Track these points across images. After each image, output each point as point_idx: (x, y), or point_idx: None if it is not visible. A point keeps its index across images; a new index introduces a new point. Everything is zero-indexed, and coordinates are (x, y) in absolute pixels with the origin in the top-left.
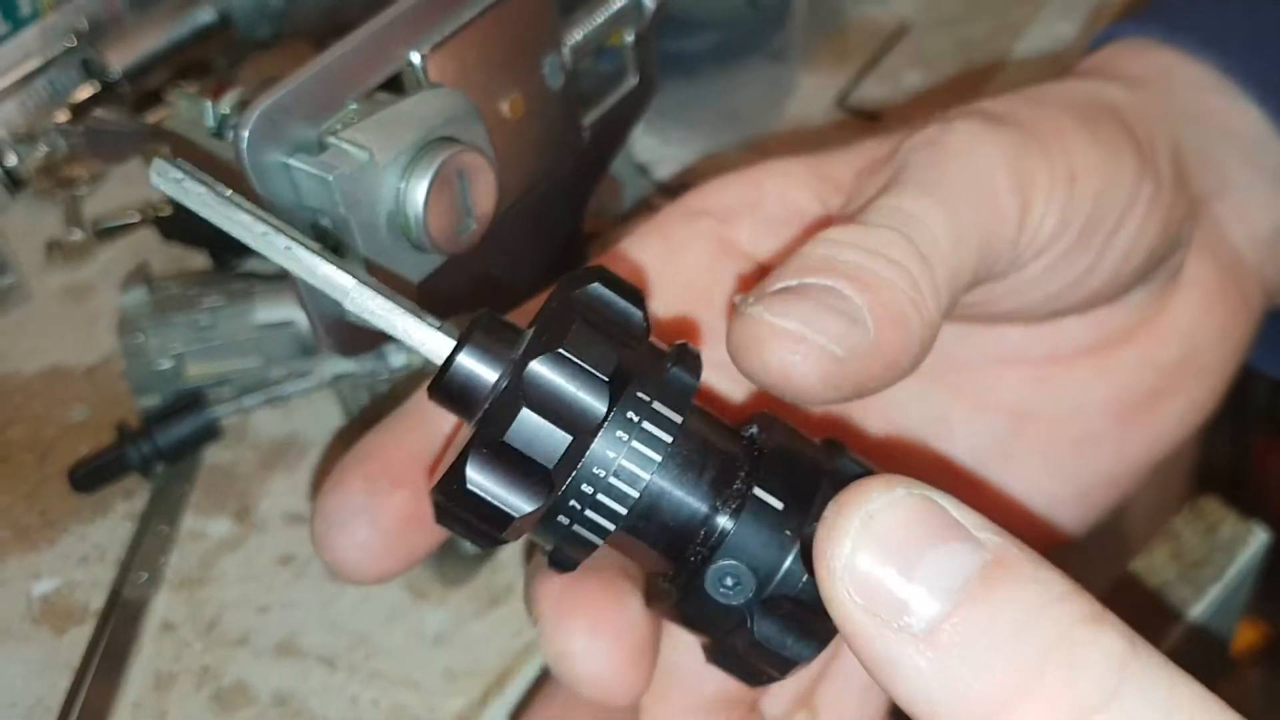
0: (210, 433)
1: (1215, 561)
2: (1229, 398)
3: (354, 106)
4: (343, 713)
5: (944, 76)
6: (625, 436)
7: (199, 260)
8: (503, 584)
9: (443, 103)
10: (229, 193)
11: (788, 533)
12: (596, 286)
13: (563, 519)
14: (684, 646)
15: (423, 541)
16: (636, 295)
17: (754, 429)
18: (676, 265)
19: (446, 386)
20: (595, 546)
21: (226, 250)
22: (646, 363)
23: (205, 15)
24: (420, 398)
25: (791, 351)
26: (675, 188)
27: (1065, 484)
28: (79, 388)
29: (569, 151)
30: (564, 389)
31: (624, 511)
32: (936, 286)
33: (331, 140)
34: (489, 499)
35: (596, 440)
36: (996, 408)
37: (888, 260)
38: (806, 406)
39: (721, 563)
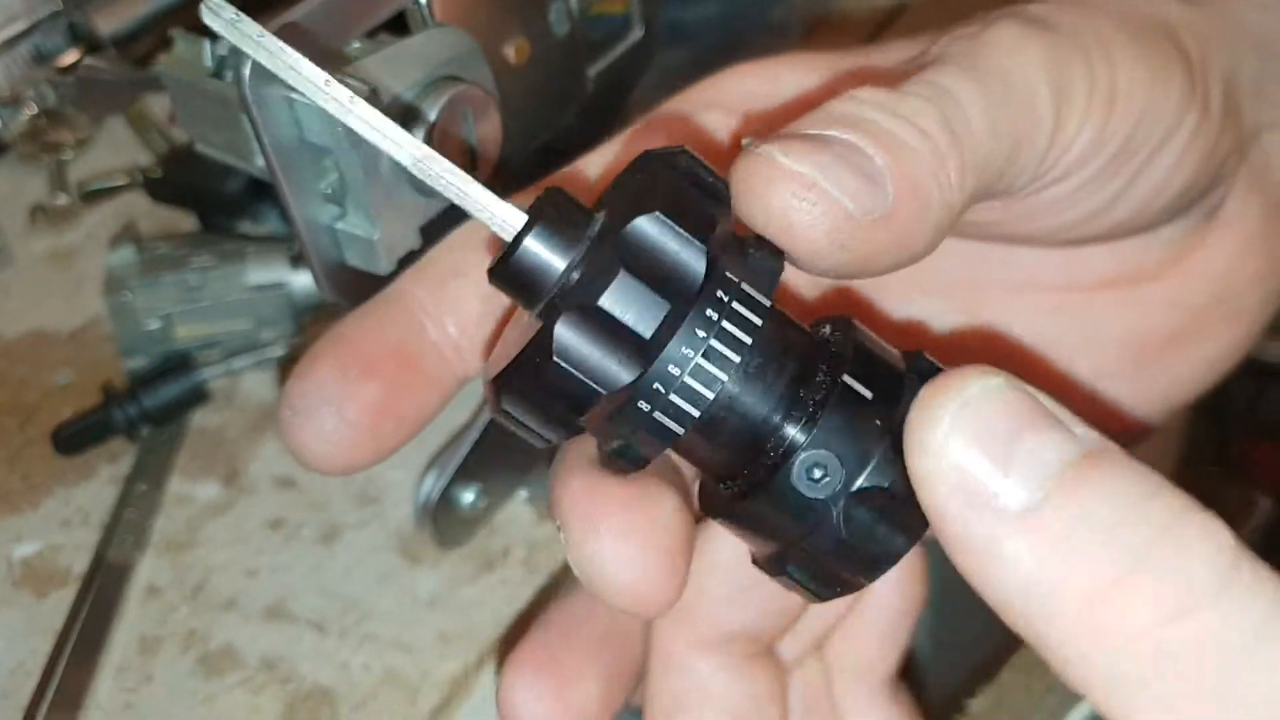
0: (198, 395)
1: None
2: (1209, 398)
3: (358, 45)
4: (334, 676)
5: None
6: (715, 316)
7: (187, 224)
8: (498, 548)
9: (448, 41)
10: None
11: (878, 422)
12: (683, 159)
13: (644, 405)
14: (711, 573)
15: (393, 436)
16: (720, 179)
17: (827, 329)
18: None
19: (512, 268)
20: (677, 436)
21: (216, 212)
22: (730, 244)
23: None
24: (401, 286)
25: (800, 197)
26: None
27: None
28: (63, 352)
29: (573, 101)
30: (663, 252)
31: (710, 395)
32: (963, 167)
33: (336, 76)
34: (577, 372)
35: (686, 319)
36: (1010, 334)
37: (916, 128)
38: (809, 268)
39: (811, 452)
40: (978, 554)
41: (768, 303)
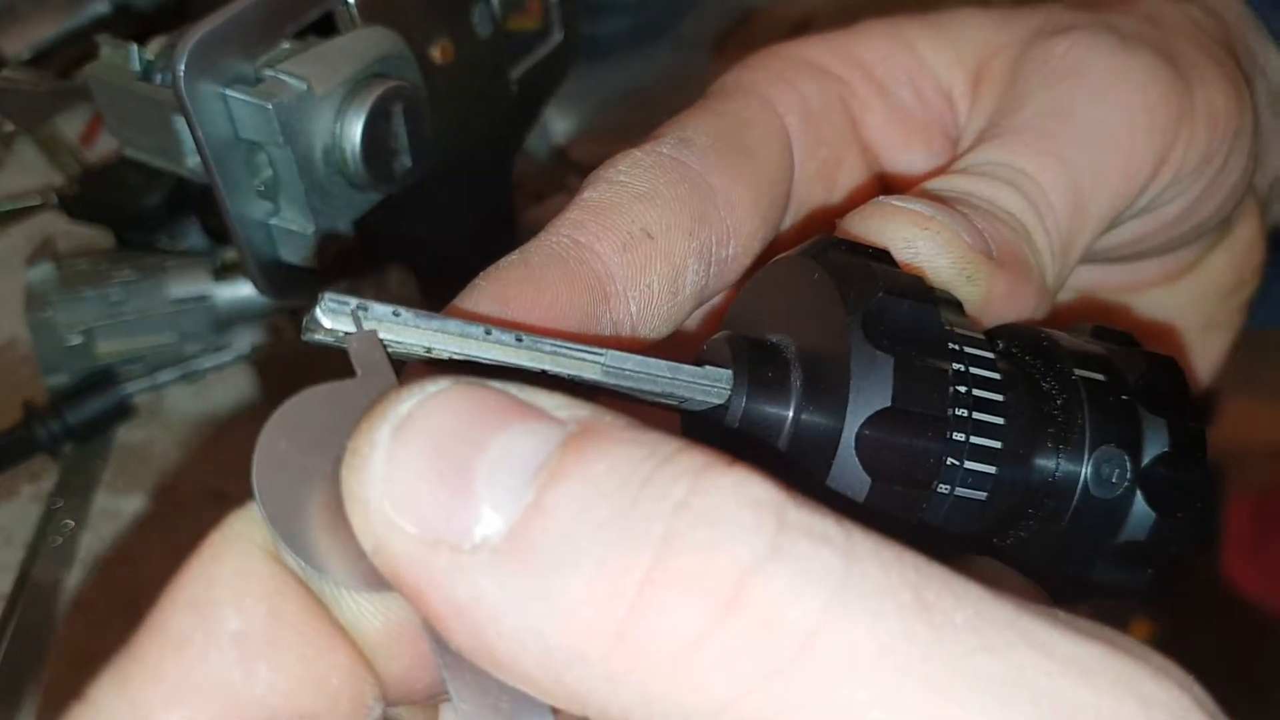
0: (122, 410)
1: None
2: None
3: (287, 46)
4: None
5: None
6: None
7: (104, 242)
8: None
9: (377, 40)
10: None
11: (1124, 397)
12: (884, 298)
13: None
14: None
15: None
16: (923, 291)
17: (1004, 343)
18: (816, 135)
19: (746, 420)
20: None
21: (134, 228)
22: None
23: (101, 6)
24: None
25: (921, 226)
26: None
27: None
28: None
29: (497, 102)
30: (899, 447)
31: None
32: (1049, 242)
33: (268, 73)
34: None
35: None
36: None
37: (1003, 209)
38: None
39: (1100, 450)
40: (468, 616)
41: (1001, 420)
